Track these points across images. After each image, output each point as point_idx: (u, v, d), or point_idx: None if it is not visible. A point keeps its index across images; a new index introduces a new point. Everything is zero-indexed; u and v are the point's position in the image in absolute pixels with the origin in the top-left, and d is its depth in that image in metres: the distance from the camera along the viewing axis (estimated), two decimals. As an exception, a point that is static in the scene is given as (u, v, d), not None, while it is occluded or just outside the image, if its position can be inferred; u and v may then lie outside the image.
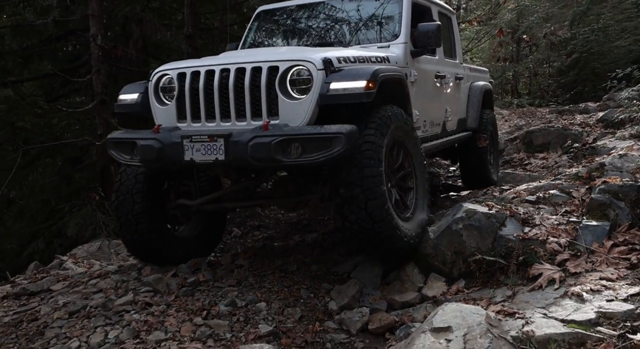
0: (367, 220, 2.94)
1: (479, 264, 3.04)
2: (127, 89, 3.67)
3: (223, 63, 3.16)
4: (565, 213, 3.25)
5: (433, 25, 3.86)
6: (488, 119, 5.66)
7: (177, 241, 3.76)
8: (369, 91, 2.93)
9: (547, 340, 2.15)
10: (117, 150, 3.38)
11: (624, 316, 2.19)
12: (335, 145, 2.76)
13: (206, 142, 3.01)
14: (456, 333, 1.93)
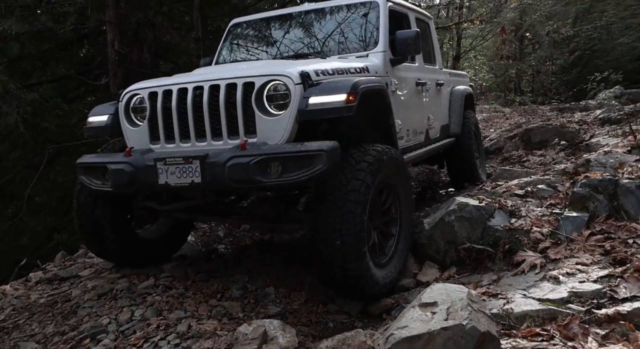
0: (339, 261, 2.83)
1: (469, 253, 3.33)
2: (97, 110, 3.51)
3: (196, 80, 3.01)
4: (550, 206, 3.53)
5: (411, 32, 3.79)
6: (470, 121, 5.58)
7: (142, 242, 3.66)
8: (349, 105, 2.81)
9: (524, 316, 2.44)
10: (87, 176, 3.19)
11: (592, 294, 2.47)
12: (317, 163, 2.63)
13: (181, 164, 2.85)
14: (441, 307, 2.22)
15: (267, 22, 4.53)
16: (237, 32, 4.64)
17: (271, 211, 3.38)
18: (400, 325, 2.20)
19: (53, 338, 2.86)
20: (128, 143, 3.21)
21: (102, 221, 3.40)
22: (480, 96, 17.96)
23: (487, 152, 8.30)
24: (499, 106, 12.90)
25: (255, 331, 2.44)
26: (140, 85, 3.23)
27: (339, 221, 2.79)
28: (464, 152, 5.36)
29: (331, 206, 2.81)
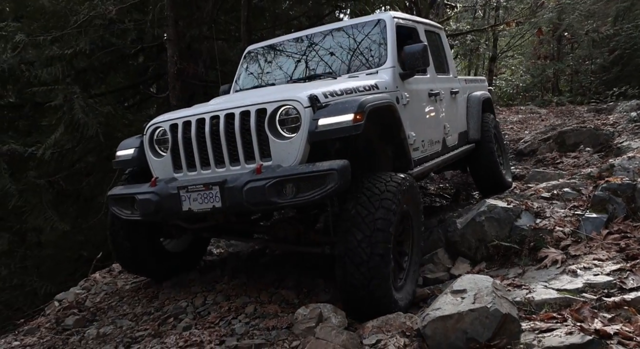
0: (365, 286, 2.91)
1: (497, 249, 3.72)
2: (124, 144, 3.74)
3: (212, 110, 3.18)
4: (573, 208, 3.88)
5: (419, 46, 3.84)
6: (489, 124, 5.57)
7: (171, 256, 3.93)
8: (357, 123, 2.91)
9: (543, 303, 2.83)
10: (118, 206, 3.42)
11: (604, 285, 2.84)
12: (329, 182, 2.74)
13: (202, 191, 3.01)
14: (469, 293, 2.64)
15: (279, 47, 4.71)
16: (252, 59, 4.84)
17: (291, 233, 3.53)
18: (434, 307, 2.64)
19: (142, 317, 3.44)
20: (153, 173, 3.39)
21: (138, 243, 3.69)
22: (516, 96, 17.96)
23: (521, 154, 8.56)
24: (535, 107, 12.98)
25: (312, 312, 2.92)
26: (162, 118, 3.43)
27: (367, 249, 2.86)
28: (485, 157, 5.36)
29: (359, 234, 2.89)
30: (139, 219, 3.30)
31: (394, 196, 3.02)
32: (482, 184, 5.66)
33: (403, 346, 2.59)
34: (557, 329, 2.48)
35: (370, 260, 2.86)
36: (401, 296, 3.20)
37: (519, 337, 2.50)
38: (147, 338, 3.09)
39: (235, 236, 4.06)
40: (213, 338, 2.86)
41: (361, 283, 2.90)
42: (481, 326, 2.48)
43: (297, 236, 3.50)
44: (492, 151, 5.40)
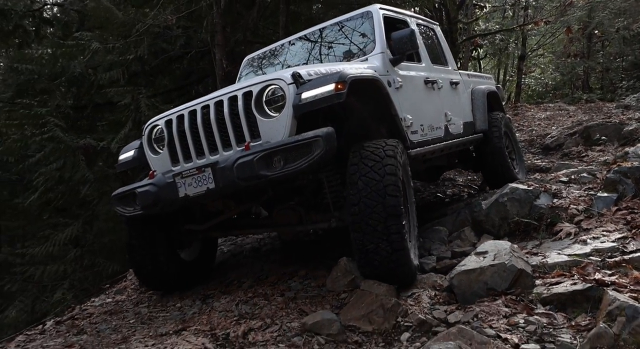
0: (386, 251, 2.99)
1: (518, 226, 4.19)
2: (125, 149, 3.92)
3: (203, 101, 3.31)
4: (587, 189, 4.32)
5: (406, 30, 3.91)
6: (499, 120, 5.62)
7: (187, 266, 3.98)
8: (339, 92, 2.94)
9: (555, 265, 3.29)
10: (121, 205, 3.49)
11: (609, 250, 3.29)
12: (315, 149, 2.79)
13: (195, 174, 3.11)
14: (490, 254, 3.15)
15: (274, 51, 4.89)
16: (251, 65, 5.03)
17: (293, 216, 3.67)
18: (460, 265, 3.17)
19: (209, 282, 4.06)
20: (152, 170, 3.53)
21: (159, 257, 3.74)
22: (546, 94, 18.08)
23: (547, 149, 8.90)
24: (564, 104, 13.19)
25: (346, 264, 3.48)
26: (158, 116, 3.59)
27: (382, 214, 2.94)
28: (493, 149, 5.40)
29: (371, 200, 2.96)
30: (140, 213, 3.36)
31: (394, 156, 3.13)
32: (490, 177, 5.65)
33: (434, 295, 3.12)
34: (564, 282, 2.96)
35: (388, 222, 2.94)
36: (414, 259, 3.35)
37: (532, 288, 2.99)
38: (218, 294, 3.70)
39: (242, 231, 4.19)
40: (275, 292, 3.44)
41: (382, 250, 2.97)
42: (499, 278, 2.99)
43: (299, 218, 3.64)
44: (500, 142, 5.45)
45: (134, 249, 3.77)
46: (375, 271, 3.13)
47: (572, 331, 2.51)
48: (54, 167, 5.73)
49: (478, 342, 2.48)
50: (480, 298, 2.96)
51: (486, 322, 2.68)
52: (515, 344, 2.43)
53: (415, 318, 2.87)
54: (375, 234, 2.97)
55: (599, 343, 2.32)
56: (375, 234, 2.97)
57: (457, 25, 14.24)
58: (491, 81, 6.56)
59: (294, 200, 3.66)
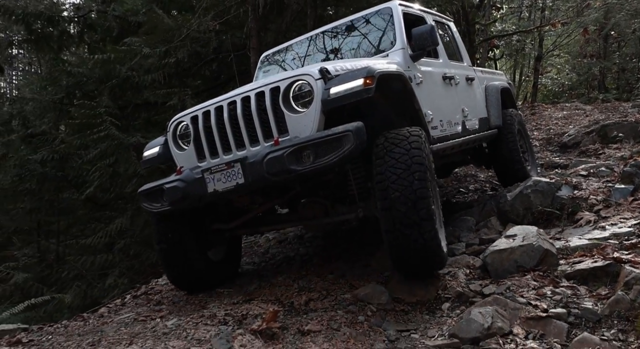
0: (418, 238, 2.98)
1: (541, 215, 4.57)
2: (149, 145, 3.90)
3: (229, 97, 3.32)
4: (605, 181, 4.69)
5: (426, 26, 3.96)
6: (513, 118, 5.65)
7: (215, 266, 3.96)
8: (368, 87, 2.97)
9: (577, 248, 3.68)
10: (148, 201, 3.47)
11: (625, 234, 3.67)
12: (345, 143, 2.80)
13: (224, 170, 3.13)
14: (519, 236, 3.55)
15: (292, 48, 4.89)
16: (268, 62, 5.04)
17: (319, 209, 3.68)
18: (492, 246, 3.58)
19: (261, 264, 4.50)
20: (178, 166, 3.53)
21: (190, 256, 3.72)
22: (562, 94, 18.32)
23: (565, 147, 9.22)
24: (580, 104, 13.46)
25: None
26: (183, 113, 3.58)
27: (412, 199, 2.94)
28: (506, 146, 5.44)
29: (400, 186, 2.97)
30: (168, 208, 3.36)
31: (420, 141, 3.15)
32: (503, 174, 5.69)
33: (469, 273, 3.53)
34: (586, 261, 3.35)
35: (417, 207, 2.95)
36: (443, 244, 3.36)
37: (557, 266, 3.39)
38: (272, 273, 4.15)
39: (268, 227, 4.20)
40: (325, 271, 3.88)
41: (413, 237, 2.98)
42: (528, 257, 3.39)
43: (325, 211, 3.66)
44: (514, 138, 5.49)
45: (164, 249, 3.77)
46: (406, 258, 3.13)
47: (593, 300, 2.91)
48: (108, 163, 6.22)
49: (512, 308, 2.89)
50: (511, 274, 3.36)
51: (517, 293, 3.08)
52: (544, 309, 2.83)
53: (454, 290, 3.28)
54: (405, 221, 2.96)
55: (618, 307, 2.72)
56: (405, 221, 2.96)
57: (475, 27, 14.57)
58: (503, 77, 6.59)
59: (319, 193, 3.68)
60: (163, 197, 3.36)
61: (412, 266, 3.22)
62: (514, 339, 2.61)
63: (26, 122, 8.51)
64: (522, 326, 2.74)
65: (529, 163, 5.88)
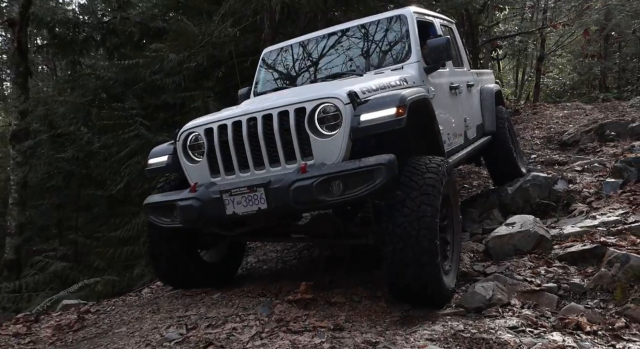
0: (416, 272, 2.89)
1: (539, 206, 5.02)
2: (155, 152, 3.67)
3: (248, 112, 3.14)
4: (598, 176, 5.13)
5: (443, 39, 3.86)
6: (503, 116, 5.59)
7: (208, 266, 3.85)
8: (399, 117, 2.89)
9: (569, 234, 4.12)
10: (156, 215, 3.33)
11: (613, 222, 4.11)
12: (377, 177, 2.73)
13: (246, 193, 2.96)
14: (517, 224, 4.00)
15: (298, 47, 4.63)
16: (271, 60, 4.79)
17: (330, 228, 3.49)
18: (494, 232, 4.03)
19: (283, 251, 4.96)
20: (189, 179, 3.34)
21: (176, 253, 3.63)
22: (564, 94, 18.71)
23: (564, 145, 9.64)
24: (581, 103, 13.84)
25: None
26: (195, 123, 3.39)
27: (415, 233, 2.84)
28: (502, 149, 5.41)
29: (406, 218, 2.87)
30: (179, 226, 3.25)
31: (435, 174, 3.03)
32: (497, 174, 5.72)
33: (473, 256, 3.99)
34: (576, 245, 3.80)
35: (420, 241, 2.84)
36: (449, 280, 3.21)
37: (551, 250, 3.84)
38: (293, 261, 4.61)
39: (274, 238, 4.08)
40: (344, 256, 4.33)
41: (412, 271, 2.88)
42: (525, 242, 3.84)
43: (337, 231, 3.47)
44: (507, 143, 5.48)
45: (152, 247, 3.72)
46: (402, 290, 3.05)
47: (581, 276, 3.36)
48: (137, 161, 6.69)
49: (510, 284, 3.34)
50: (510, 257, 3.81)
51: (515, 272, 3.53)
52: (538, 284, 3.29)
53: (460, 271, 3.73)
54: (405, 252, 2.87)
55: (601, 282, 3.17)
56: (405, 252, 2.87)
57: (478, 28, 14.99)
58: (492, 77, 6.49)
59: (333, 210, 3.54)
60: (174, 213, 3.21)
61: (411, 299, 3.12)
62: (512, 309, 3.05)
63: (52, 123, 9.00)
64: (519, 298, 3.19)
65: (518, 157, 5.88)
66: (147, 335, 2.65)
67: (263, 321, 2.72)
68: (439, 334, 2.50)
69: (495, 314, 2.99)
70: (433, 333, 2.51)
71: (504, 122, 5.56)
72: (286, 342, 2.40)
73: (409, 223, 2.87)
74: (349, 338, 2.46)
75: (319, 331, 2.54)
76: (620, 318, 2.76)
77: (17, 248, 8.76)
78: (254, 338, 2.48)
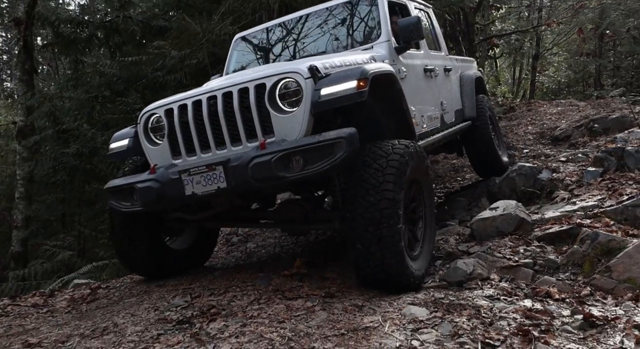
0: (378, 257, 2.85)
1: (524, 194, 5.28)
2: (117, 136, 3.60)
3: (208, 91, 3.06)
4: (580, 166, 5.39)
5: (413, 18, 3.84)
6: (484, 105, 5.57)
7: (174, 254, 3.80)
8: (361, 90, 2.82)
9: (550, 218, 4.37)
10: (116, 199, 3.25)
11: (590, 207, 4.36)
12: (337, 151, 2.65)
13: (205, 172, 2.90)
14: (500, 208, 4.26)
15: (269, 31, 4.61)
16: (242, 46, 4.74)
17: (298, 213, 3.43)
18: (478, 215, 4.29)
19: (280, 238, 5.22)
20: (150, 162, 3.27)
21: (139, 240, 3.57)
22: (560, 92, 18.97)
23: (556, 140, 9.88)
24: (575, 100, 14.10)
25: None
26: (156, 104, 3.30)
27: (376, 217, 2.79)
28: (481, 135, 5.39)
29: (367, 202, 2.82)
30: (139, 209, 3.16)
31: (400, 157, 2.97)
32: (478, 164, 5.75)
33: (458, 238, 4.24)
34: (554, 227, 4.05)
35: (382, 231, 2.79)
36: (418, 266, 3.15)
37: (531, 232, 4.09)
38: (291, 245, 4.87)
39: (241, 223, 4.03)
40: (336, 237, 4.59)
41: (375, 257, 2.84)
42: (507, 224, 4.10)
43: (305, 215, 3.43)
44: (487, 129, 5.47)
45: (114, 234, 3.64)
46: (365, 275, 3.00)
47: (556, 254, 3.62)
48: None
49: (490, 261, 3.60)
50: (492, 238, 4.06)
51: (496, 250, 3.78)
52: (515, 261, 3.54)
53: (445, 251, 3.99)
54: (366, 237, 2.83)
55: (573, 257, 3.43)
56: (366, 237, 2.83)
57: (475, 27, 15.24)
58: (474, 65, 6.52)
59: (301, 195, 3.51)
60: (134, 196, 3.14)
61: (375, 284, 3.04)
62: (490, 282, 3.31)
63: (56, 119, 9.26)
64: (498, 273, 3.45)
65: (500, 147, 5.91)
66: (155, 302, 2.90)
67: (261, 291, 2.97)
68: (420, 300, 2.76)
69: (474, 286, 3.24)
70: (415, 300, 2.77)
71: (485, 110, 5.56)
72: (281, 306, 2.66)
73: (369, 208, 2.81)
74: (338, 303, 2.72)
75: (311, 298, 2.80)
76: (586, 287, 3.02)
77: (24, 241, 9.03)
78: (252, 303, 2.74)
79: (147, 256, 3.64)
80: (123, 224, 3.57)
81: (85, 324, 2.74)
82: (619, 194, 4.40)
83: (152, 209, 3.25)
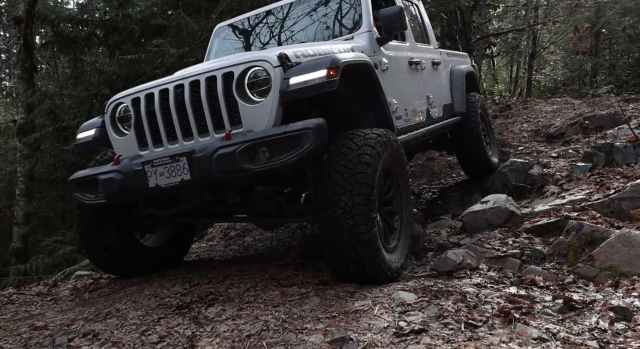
0: (352, 249, 2.76)
1: (515, 189, 5.40)
2: (83, 126, 3.53)
3: (175, 79, 2.97)
4: (570, 161, 5.51)
5: (395, 8, 3.70)
6: (475, 102, 5.46)
7: (148, 251, 3.68)
8: (331, 79, 2.72)
9: (539, 212, 4.50)
10: (80, 191, 3.16)
11: (579, 200, 4.49)
12: (304, 142, 2.56)
13: (168, 164, 2.80)
14: (490, 201, 4.38)
15: (249, 21, 4.53)
16: (223, 36, 4.65)
17: (272, 207, 3.35)
18: (469, 208, 4.41)
19: (277, 231, 5.34)
20: (117, 153, 3.18)
21: (110, 239, 3.44)
22: (556, 90, 19.12)
23: (551, 137, 9.99)
24: (570, 99, 14.24)
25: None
26: (123, 93, 3.20)
27: (348, 208, 2.70)
28: (469, 130, 5.28)
29: (339, 193, 2.73)
30: (103, 202, 3.06)
31: (372, 149, 2.88)
32: (465, 162, 5.68)
33: (450, 231, 4.37)
34: (543, 219, 4.18)
35: (355, 222, 2.71)
36: (394, 258, 3.10)
37: (521, 225, 4.22)
38: (287, 239, 4.98)
39: (214, 219, 3.98)
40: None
41: (348, 249, 2.76)
42: (497, 217, 4.22)
43: (279, 209, 3.35)
44: (477, 125, 5.35)
45: (82, 231, 3.51)
46: (340, 270, 2.93)
47: (543, 245, 3.74)
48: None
49: (480, 252, 3.72)
50: (482, 230, 4.19)
51: (485, 242, 3.91)
52: (504, 251, 3.66)
53: (437, 243, 4.12)
54: (338, 229, 2.75)
55: (559, 248, 3.55)
56: (338, 229, 2.75)
57: (471, 25, 15.36)
58: (467, 60, 6.39)
59: (274, 189, 3.41)
60: (97, 188, 3.04)
61: (350, 278, 2.95)
62: (479, 271, 3.43)
63: (56, 117, 9.37)
64: (486, 263, 3.57)
65: (490, 147, 5.82)
66: (155, 290, 3.03)
67: (257, 279, 3.10)
68: (410, 287, 2.88)
69: (463, 275, 3.37)
70: (405, 286, 2.88)
71: (476, 107, 5.45)
72: (276, 292, 2.78)
73: (340, 199, 2.73)
74: (331, 290, 2.84)
75: (305, 285, 2.92)
76: (570, 275, 3.15)
77: (24, 237, 9.15)
78: (249, 290, 2.86)
79: (117, 254, 3.51)
80: (91, 219, 3.45)
81: (89, 310, 2.86)
82: (607, 188, 4.53)
83: (115, 202, 3.15)
